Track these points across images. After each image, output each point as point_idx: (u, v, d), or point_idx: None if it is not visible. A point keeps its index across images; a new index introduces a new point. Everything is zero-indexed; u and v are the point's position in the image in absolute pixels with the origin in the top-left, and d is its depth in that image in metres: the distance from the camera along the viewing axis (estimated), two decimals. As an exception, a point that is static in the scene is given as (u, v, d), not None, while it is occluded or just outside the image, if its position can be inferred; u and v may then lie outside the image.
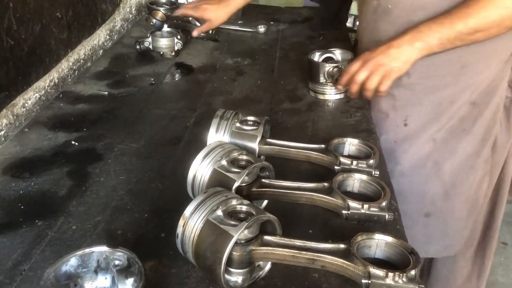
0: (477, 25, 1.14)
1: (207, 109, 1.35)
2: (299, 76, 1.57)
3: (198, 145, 1.14)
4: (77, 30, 1.43)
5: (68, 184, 1.00)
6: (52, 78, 1.34)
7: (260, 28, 1.93)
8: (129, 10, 1.93)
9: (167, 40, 1.64)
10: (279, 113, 1.34)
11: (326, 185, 0.92)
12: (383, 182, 0.94)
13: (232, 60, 1.69)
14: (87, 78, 1.48)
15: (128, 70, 1.55)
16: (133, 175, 1.04)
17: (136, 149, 1.14)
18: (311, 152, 1.04)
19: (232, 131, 1.01)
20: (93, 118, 1.26)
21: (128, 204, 0.95)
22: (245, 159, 0.90)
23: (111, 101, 1.36)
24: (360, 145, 1.08)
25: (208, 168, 0.88)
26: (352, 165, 1.00)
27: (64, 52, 1.36)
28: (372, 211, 0.87)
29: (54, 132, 1.19)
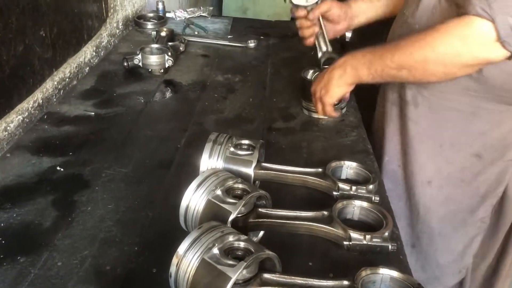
0: (401, 61, 1.09)
1: (198, 129, 1.30)
2: (292, 94, 1.53)
3: (189, 169, 1.10)
4: (62, 49, 1.38)
5: (53, 214, 0.95)
6: (36, 99, 1.29)
7: (250, 43, 1.89)
8: (116, 25, 1.88)
9: (157, 57, 1.59)
10: (272, 133, 1.30)
11: (325, 214, 0.88)
12: (384, 209, 0.90)
13: (222, 76, 1.65)
14: (72, 97, 1.43)
15: (115, 88, 1.50)
16: (121, 203, 0.99)
17: (124, 174, 1.09)
18: (308, 177, 1.00)
19: (226, 156, 0.97)
20: (79, 141, 1.21)
21: (117, 236, 0.90)
22: (241, 187, 0.86)
23: (98, 122, 1.31)
24: (358, 169, 1.05)
25: (202, 198, 0.83)
26: (351, 190, 0.96)
27: (48, 72, 1.31)
28: (374, 242, 0.83)
29: (38, 157, 1.13)
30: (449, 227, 1.30)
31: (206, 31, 2.06)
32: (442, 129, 1.24)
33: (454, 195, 1.27)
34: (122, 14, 1.95)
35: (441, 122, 1.23)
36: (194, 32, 2.05)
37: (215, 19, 2.25)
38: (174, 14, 2.19)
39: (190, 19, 2.17)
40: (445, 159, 1.25)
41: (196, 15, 2.22)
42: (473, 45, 1.00)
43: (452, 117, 1.21)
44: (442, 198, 1.28)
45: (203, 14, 2.23)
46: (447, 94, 1.18)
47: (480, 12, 0.95)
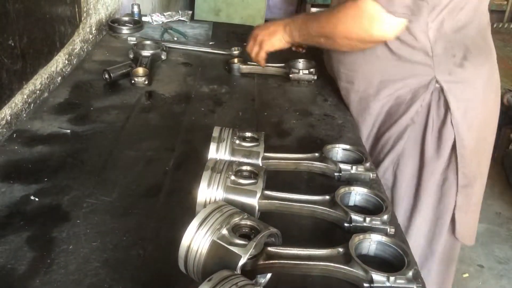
0: (318, 30, 1.31)
1: (187, 149, 1.20)
2: (283, 106, 1.45)
3: (181, 196, 1.00)
4: (33, 59, 1.24)
5: (29, 256, 0.82)
6: (4, 116, 1.15)
7: (234, 50, 1.79)
8: (89, 30, 1.75)
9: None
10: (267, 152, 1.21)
11: (341, 251, 0.80)
12: (404, 244, 0.83)
13: (207, 87, 1.54)
14: (45, 112, 1.29)
15: (92, 101, 1.37)
16: (108, 240, 0.88)
17: (109, 203, 0.97)
18: (317, 207, 0.91)
19: (226, 186, 0.87)
20: (55, 164, 1.08)
21: (105, 281, 0.79)
22: (249, 225, 0.76)
23: (75, 141, 1.18)
24: (368, 195, 0.97)
25: (206, 239, 0.73)
26: (365, 222, 0.88)
27: (18, 86, 1.17)
28: (398, 283, 0.75)
29: (9, 185, 1.00)
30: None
31: (186, 37, 1.95)
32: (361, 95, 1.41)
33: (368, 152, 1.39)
34: (95, 18, 1.82)
35: (358, 90, 1.41)
36: (173, 37, 1.93)
37: (194, 23, 2.14)
38: (150, 18, 2.07)
39: (168, 23, 2.05)
40: (363, 120, 1.42)
41: (174, 19, 2.11)
42: (367, 24, 1.17)
43: (366, 84, 1.38)
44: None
45: (181, 18, 2.12)
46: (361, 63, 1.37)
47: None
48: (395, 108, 1.35)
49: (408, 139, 1.35)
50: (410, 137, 1.35)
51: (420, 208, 1.39)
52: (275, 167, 1.07)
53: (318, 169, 1.08)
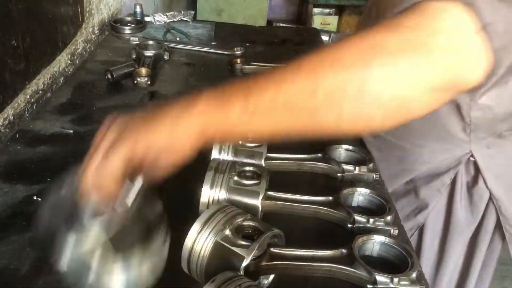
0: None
1: (189, 149, 1.19)
2: (285, 106, 1.45)
3: (183, 197, 0.99)
4: (36, 59, 1.24)
5: (31, 256, 0.82)
6: (7, 116, 1.15)
7: (237, 50, 1.79)
8: (92, 30, 1.75)
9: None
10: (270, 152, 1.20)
11: (344, 252, 0.79)
12: (408, 245, 0.82)
13: (210, 88, 1.54)
14: (47, 112, 1.29)
15: (94, 101, 1.37)
16: (111, 240, 0.87)
17: (112, 204, 0.97)
18: (320, 208, 0.91)
19: (230, 186, 0.87)
20: (58, 165, 1.08)
21: (108, 281, 0.79)
22: (252, 226, 0.76)
23: (77, 142, 1.18)
24: (371, 196, 0.96)
25: (209, 240, 0.73)
26: (368, 223, 0.87)
27: (21, 86, 1.17)
28: (402, 285, 0.75)
29: (11, 185, 1.00)
30: None
31: (189, 37, 1.94)
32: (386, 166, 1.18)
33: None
34: (98, 18, 1.82)
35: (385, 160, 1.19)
36: (176, 38, 1.93)
37: (197, 24, 2.13)
38: (153, 18, 2.06)
39: (170, 23, 2.05)
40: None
41: (177, 19, 2.10)
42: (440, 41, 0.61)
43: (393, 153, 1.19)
44: None
45: (184, 18, 2.11)
46: None
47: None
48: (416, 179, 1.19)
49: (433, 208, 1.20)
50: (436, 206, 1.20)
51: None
52: (278, 168, 1.07)
53: (321, 169, 1.07)
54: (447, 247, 1.24)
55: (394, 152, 1.20)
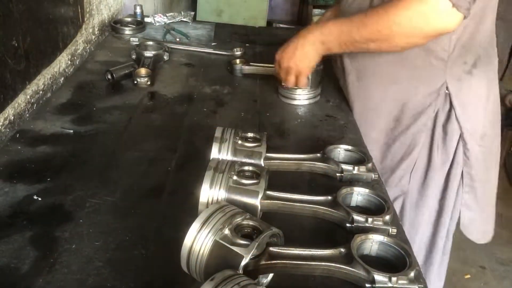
0: (369, 36, 1.20)
1: (189, 149, 1.20)
2: (285, 107, 1.45)
3: (183, 196, 1.00)
4: (36, 59, 1.25)
5: (32, 255, 0.83)
6: (7, 116, 1.16)
7: (236, 51, 1.80)
8: (92, 31, 1.75)
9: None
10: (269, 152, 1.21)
11: (343, 251, 0.80)
12: (406, 245, 0.83)
13: (210, 88, 1.55)
14: (47, 112, 1.30)
15: (94, 101, 1.38)
16: (111, 239, 0.88)
17: (112, 203, 0.98)
18: (319, 207, 0.92)
19: (229, 186, 0.87)
20: (58, 164, 1.08)
21: (108, 280, 0.79)
22: (251, 225, 0.76)
23: (77, 142, 1.18)
24: (369, 195, 0.97)
25: (208, 239, 0.73)
26: (367, 222, 0.88)
27: (21, 86, 1.18)
28: (400, 284, 0.75)
29: (12, 184, 1.00)
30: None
31: (188, 37, 1.95)
32: (367, 96, 1.39)
33: (379, 157, 1.41)
34: (98, 19, 1.83)
35: (365, 90, 1.39)
36: (175, 38, 1.94)
37: (197, 24, 2.14)
38: (153, 19, 2.07)
39: (170, 24, 2.06)
40: (370, 123, 1.40)
41: (177, 20, 2.11)
42: (433, 19, 1.13)
43: (374, 85, 1.37)
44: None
45: (183, 19, 2.12)
46: (371, 64, 1.35)
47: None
48: (406, 113, 1.35)
49: (422, 145, 1.36)
50: (424, 143, 1.36)
51: (426, 201, 1.43)
52: (277, 168, 1.07)
53: (320, 169, 1.08)
54: (425, 187, 1.41)
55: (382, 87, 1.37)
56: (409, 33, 1.17)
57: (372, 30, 1.18)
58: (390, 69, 1.33)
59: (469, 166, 1.36)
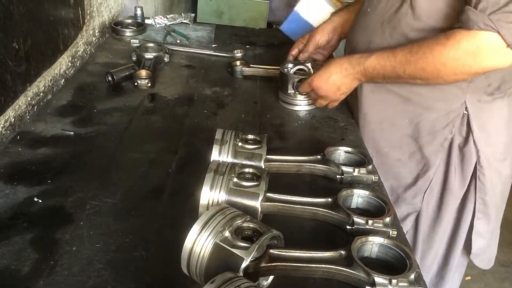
0: (415, 74, 1.16)
1: (189, 151, 1.20)
2: (285, 109, 1.45)
3: (183, 198, 1.00)
4: (37, 61, 1.25)
5: (32, 257, 0.83)
6: (8, 118, 1.16)
7: (237, 53, 1.79)
8: (92, 33, 1.76)
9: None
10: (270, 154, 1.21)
11: (343, 254, 0.80)
12: (406, 247, 0.83)
13: (210, 90, 1.55)
14: (48, 114, 1.30)
15: (95, 103, 1.38)
16: (111, 241, 0.88)
17: (112, 205, 0.98)
18: (319, 209, 0.92)
19: (229, 188, 0.88)
20: (58, 166, 1.09)
21: (108, 282, 0.79)
22: (251, 227, 0.77)
23: (78, 143, 1.18)
24: (370, 198, 0.97)
25: (209, 241, 0.73)
26: (367, 224, 0.88)
27: (22, 88, 1.18)
28: (401, 286, 0.75)
29: (12, 186, 1.00)
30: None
31: (189, 39, 1.95)
32: (382, 109, 1.34)
33: (391, 173, 1.36)
34: (99, 21, 1.83)
35: (381, 102, 1.34)
36: (176, 40, 1.94)
37: (197, 26, 2.14)
38: (153, 20, 2.07)
39: (170, 26, 2.06)
40: (384, 137, 1.36)
41: (177, 21, 2.11)
42: (483, 58, 1.07)
43: (390, 98, 1.32)
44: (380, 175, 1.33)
45: (184, 21, 2.13)
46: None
47: (483, 27, 1.02)
48: (422, 132, 1.30)
49: (438, 166, 1.32)
50: (440, 164, 1.32)
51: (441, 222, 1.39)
52: (277, 169, 1.07)
53: (320, 171, 1.08)
54: (441, 209, 1.37)
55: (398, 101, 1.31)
56: (457, 72, 1.11)
57: (417, 69, 1.14)
58: (408, 85, 1.26)
59: (483, 192, 1.31)
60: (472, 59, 1.07)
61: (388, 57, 1.18)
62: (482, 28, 1.02)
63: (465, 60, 1.08)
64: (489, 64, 1.08)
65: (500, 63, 1.08)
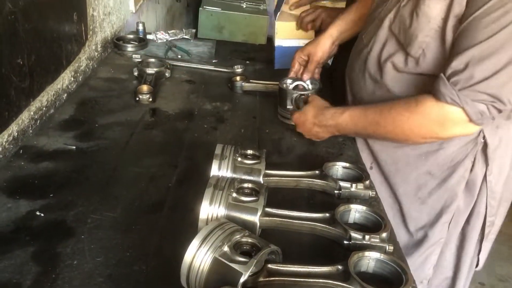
0: (385, 135, 1.22)
1: (189, 165, 1.22)
2: (283, 124, 1.47)
3: (183, 212, 1.02)
4: (40, 76, 1.27)
5: (34, 270, 0.84)
6: (11, 132, 1.17)
7: (237, 68, 1.82)
8: (95, 48, 1.78)
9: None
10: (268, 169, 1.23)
11: (340, 269, 0.81)
12: (402, 262, 0.84)
13: (210, 105, 1.57)
14: (50, 128, 1.32)
15: (96, 118, 1.40)
16: (112, 255, 0.89)
17: (112, 219, 0.99)
18: (317, 224, 0.93)
19: (228, 203, 0.89)
20: (60, 180, 1.10)
21: (108, 296, 0.81)
22: (250, 242, 0.78)
23: (79, 158, 1.20)
24: (367, 213, 0.98)
25: (208, 256, 0.75)
26: (364, 240, 0.89)
27: (25, 103, 1.20)
28: (397, 301, 0.76)
29: (15, 200, 1.02)
30: (410, 244, 1.37)
31: (190, 54, 1.98)
32: (396, 147, 1.32)
33: (412, 212, 1.35)
34: (101, 36, 1.85)
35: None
36: (177, 55, 1.97)
37: (198, 41, 2.18)
38: (155, 36, 2.10)
39: (172, 41, 2.09)
40: (400, 177, 1.34)
41: (178, 37, 2.14)
42: (448, 127, 1.12)
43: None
44: (400, 215, 1.35)
45: (185, 36, 2.16)
46: None
47: (449, 101, 1.07)
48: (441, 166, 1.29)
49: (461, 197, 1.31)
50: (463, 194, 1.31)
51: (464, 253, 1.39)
52: (276, 184, 1.09)
53: (318, 186, 1.10)
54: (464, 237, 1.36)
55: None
56: (426, 136, 1.17)
57: (387, 131, 1.19)
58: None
59: (491, 215, 1.32)
60: (438, 128, 1.13)
61: (360, 116, 1.23)
62: (448, 102, 1.07)
63: (432, 127, 1.13)
64: (455, 132, 1.14)
65: (465, 132, 1.16)
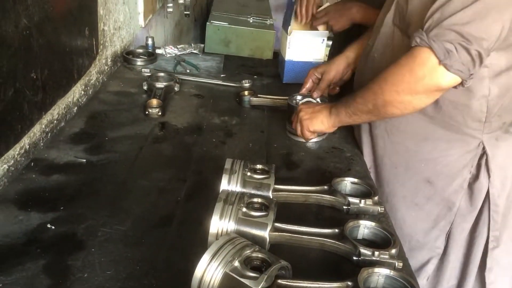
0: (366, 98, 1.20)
1: (198, 179, 1.23)
2: (291, 139, 1.48)
3: (192, 227, 1.02)
4: (52, 90, 1.29)
5: (45, 283, 0.85)
6: (23, 145, 1.19)
7: (245, 83, 1.84)
8: (105, 62, 1.81)
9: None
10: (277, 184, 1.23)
11: (350, 285, 0.81)
12: (412, 278, 0.84)
13: (219, 119, 1.58)
14: (61, 141, 1.33)
15: (106, 131, 1.41)
16: (121, 269, 0.90)
17: (123, 233, 1.00)
18: (326, 240, 0.93)
19: (238, 217, 0.90)
20: (71, 193, 1.11)
21: (119, 310, 0.81)
22: (260, 257, 0.78)
23: (90, 171, 1.21)
24: (376, 229, 0.98)
25: (218, 271, 0.75)
26: (373, 256, 0.89)
27: (37, 116, 1.22)
28: (407, 318, 0.76)
29: (26, 212, 1.03)
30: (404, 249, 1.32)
31: (198, 69, 2.00)
32: (397, 152, 1.34)
33: (408, 217, 1.35)
34: (111, 50, 1.88)
35: (395, 145, 1.34)
36: (186, 70, 1.99)
37: (206, 56, 2.20)
38: (164, 50, 2.13)
39: (180, 56, 2.12)
40: (399, 181, 1.35)
41: (187, 51, 2.17)
42: (419, 74, 1.07)
43: (405, 140, 1.32)
44: (396, 220, 1.35)
45: (194, 51, 2.18)
46: (404, 119, 1.28)
47: (419, 42, 1.05)
48: (440, 175, 1.30)
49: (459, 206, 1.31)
50: (461, 203, 1.31)
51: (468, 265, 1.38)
52: (285, 199, 1.09)
53: (327, 201, 1.10)
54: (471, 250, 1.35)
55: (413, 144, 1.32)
56: (399, 89, 1.11)
57: (368, 87, 1.19)
58: (423, 126, 1.27)
59: (495, 230, 1.31)
60: (409, 75, 1.08)
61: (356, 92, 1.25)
62: (417, 44, 1.05)
63: (403, 75, 1.09)
64: (427, 82, 1.07)
65: (437, 82, 1.06)
